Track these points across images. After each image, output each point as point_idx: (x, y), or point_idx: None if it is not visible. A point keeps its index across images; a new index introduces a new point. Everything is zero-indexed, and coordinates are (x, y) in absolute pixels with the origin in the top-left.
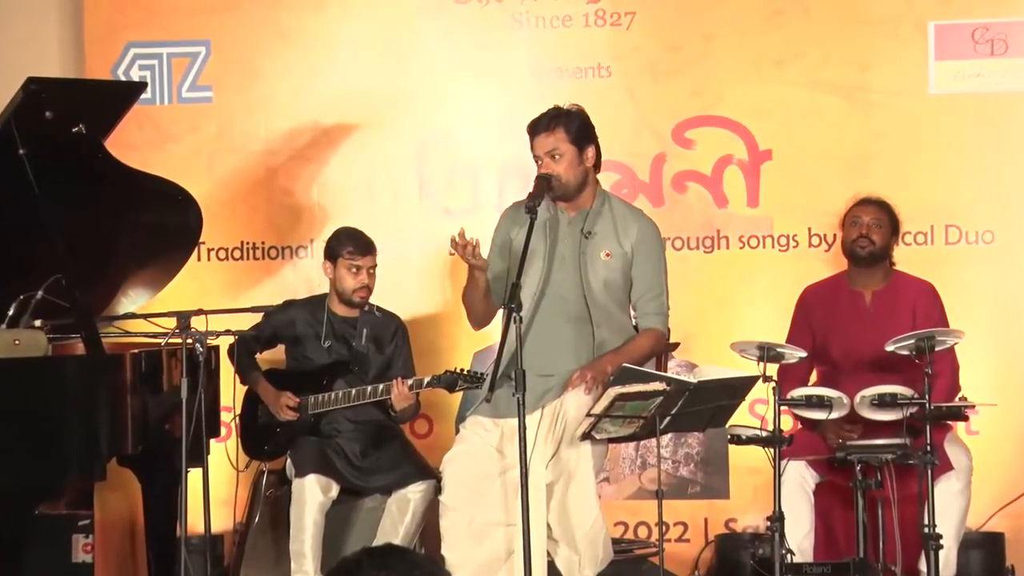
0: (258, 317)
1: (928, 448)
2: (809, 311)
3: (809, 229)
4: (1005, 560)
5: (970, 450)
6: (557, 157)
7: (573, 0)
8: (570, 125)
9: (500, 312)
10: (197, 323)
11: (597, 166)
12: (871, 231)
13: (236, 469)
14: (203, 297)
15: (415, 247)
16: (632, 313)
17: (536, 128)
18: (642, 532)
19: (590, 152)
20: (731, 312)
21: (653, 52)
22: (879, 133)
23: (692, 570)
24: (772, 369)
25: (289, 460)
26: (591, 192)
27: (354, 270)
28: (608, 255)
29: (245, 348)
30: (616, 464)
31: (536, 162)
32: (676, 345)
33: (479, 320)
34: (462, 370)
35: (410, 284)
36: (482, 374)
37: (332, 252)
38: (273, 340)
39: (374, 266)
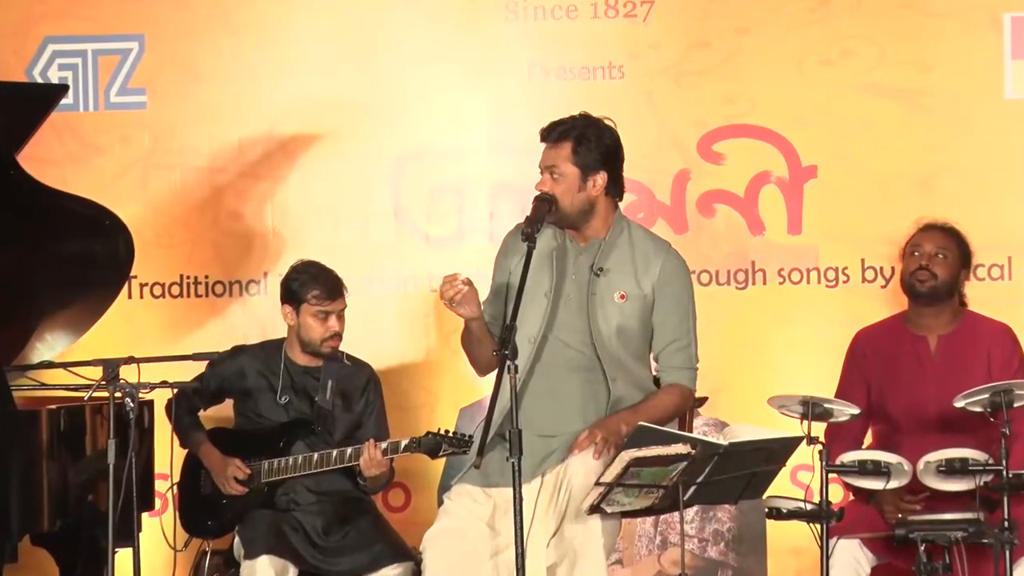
0: (201, 366)
1: (1006, 524)
2: (863, 359)
3: (862, 261)
4: None
5: None
6: (555, 176)
7: None
8: (581, 143)
9: None
10: (127, 373)
11: (619, 192)
12: (933, 263)
13: (173, 549)
14: (135, 342)
15: (390, 282)
16: (653, 365)
17: (545, 135)
18: None
19: (598, 179)
20: (769, 360)
21: (675, 49)
22: (945, 145)
23: None
24: (819, 429)
25: (238, 538)
26: (603, 220)
27: (322, 316)
28: (623, 297)
29: (186, 404)
30: (631, 543)
31: (541, 173)
32: (703, 400)
33: (484, 367)
34: (446, 431)
35: (384, 327)
36: (470, 436)
37: (294, 296)
38: (219, 394)
39: (344, 308)
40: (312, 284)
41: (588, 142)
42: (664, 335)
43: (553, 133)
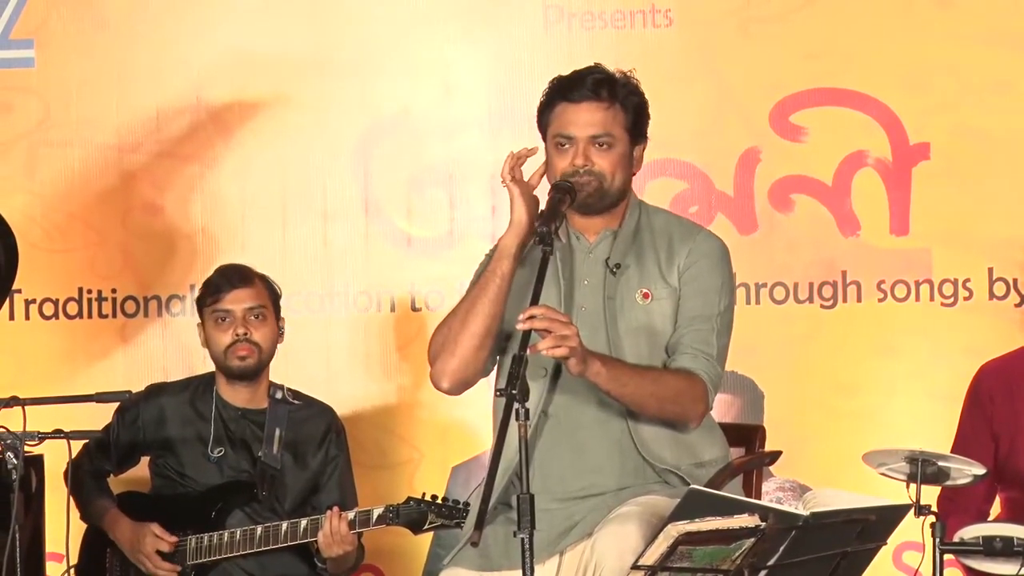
0: (106, 411)
1: None
2: (989, 403)
3: (990, 271)
4: None
5: None
6: (605, 147)
7: None
8: (630, 100)
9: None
10: (9, 419)
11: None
12: None
13: None
14: (18, 378)
15: (359, 299)
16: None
17: (575, 89)
18: None
19: (639, 152)
20: (864, 402)
21: None
22: None
23: None
24: (931, 495)
25: None
26: (625, 204)
27: (221, 320)
28: (646, 296)
29: (90, 466)
30: None
31: (558, 145)
32: (776, 455)
33: (460, 358)
34: (433, 497)
35: (351, 358)
36: (466, 504)
37: (199, 304)
38: (132, 451)
39: (259, 307)
40: (210, 283)
41: (633, 100)
42: (682, 318)
43: (587, 84)
